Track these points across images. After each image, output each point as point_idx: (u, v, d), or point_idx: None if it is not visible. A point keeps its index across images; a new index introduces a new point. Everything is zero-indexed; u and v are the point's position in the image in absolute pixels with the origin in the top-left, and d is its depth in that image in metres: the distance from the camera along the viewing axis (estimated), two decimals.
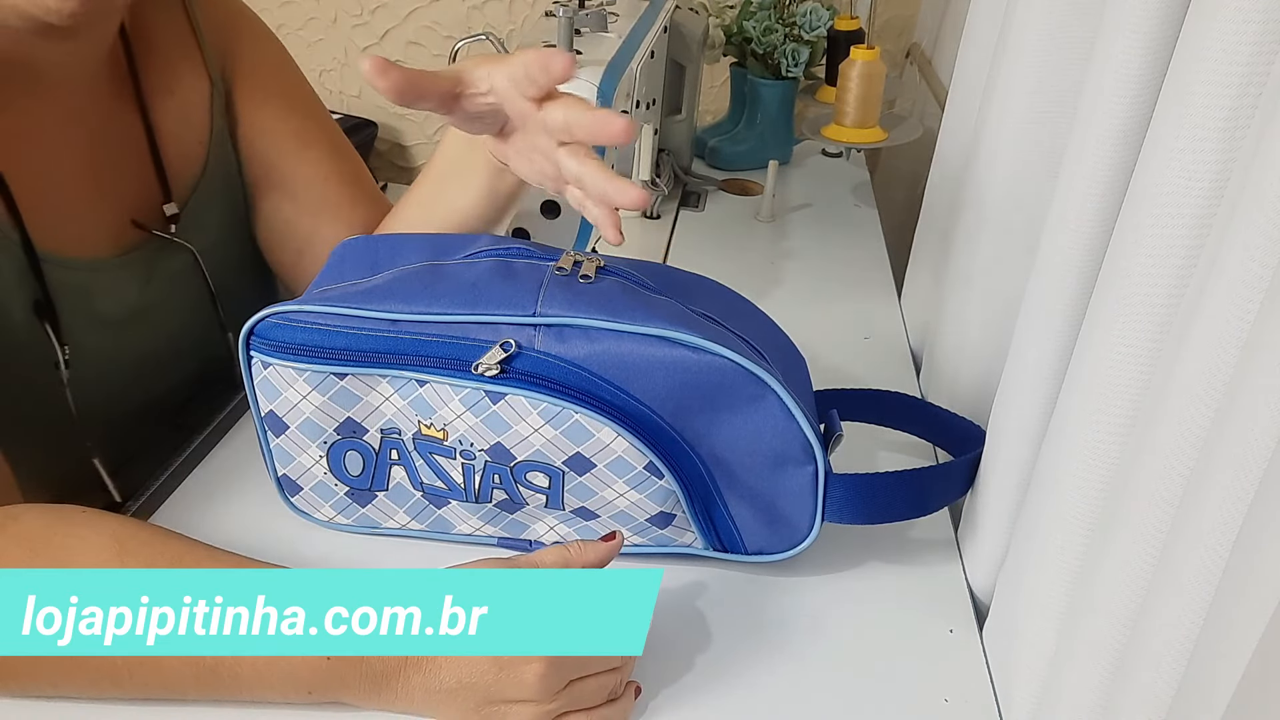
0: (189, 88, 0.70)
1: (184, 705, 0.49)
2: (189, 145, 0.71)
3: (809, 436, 0.54)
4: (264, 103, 0.74)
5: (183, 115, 0.70)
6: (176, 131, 0.70)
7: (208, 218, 0.72)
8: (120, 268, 0.66)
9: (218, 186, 0.73)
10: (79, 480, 0.63)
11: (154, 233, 0.68)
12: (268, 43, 0.77)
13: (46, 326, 0.61)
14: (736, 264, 1.00)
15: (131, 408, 0.70)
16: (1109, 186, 0.45)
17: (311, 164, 0.75)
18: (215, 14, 0.72)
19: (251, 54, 0.74)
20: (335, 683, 0.47)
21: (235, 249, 0.76)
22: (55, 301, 0.61)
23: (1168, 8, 0.41)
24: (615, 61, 0.74)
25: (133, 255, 0.67)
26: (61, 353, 0.62)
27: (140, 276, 0.67)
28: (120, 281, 0.66)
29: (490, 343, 0.52)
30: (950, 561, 0.62)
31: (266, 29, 0.77)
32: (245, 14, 0.76)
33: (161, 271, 0.69)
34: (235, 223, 0.76)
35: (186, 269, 0.71)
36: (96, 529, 0.50)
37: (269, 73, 0.75)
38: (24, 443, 0.58)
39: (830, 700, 0.52)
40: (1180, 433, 0.35)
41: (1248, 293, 0.32)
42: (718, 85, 1.56)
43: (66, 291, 0.62)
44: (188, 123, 0.71)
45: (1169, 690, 0.35)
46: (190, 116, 0.71)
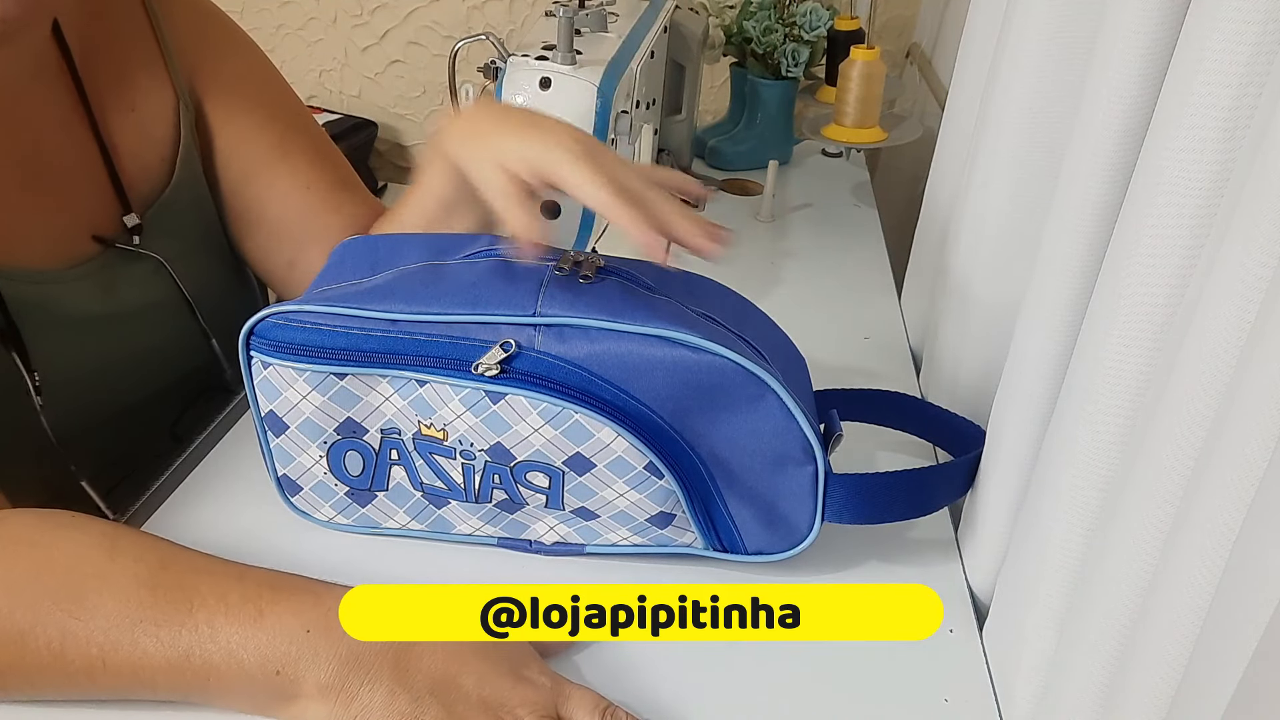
0: (151, 101, 0.69)
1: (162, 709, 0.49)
2: (149, 159, 0.69)
3: (809, 436, 0.54)
4: (240, 116, 0.72)
5: (142, 129, 0.68)
6: (135, 145, 0.68)
7: (176, 227, 0.70)
8: (78, 278, 0.65)
9: (185, 197, 0.71)
10: (65, 496, 0.62)
11: (116, 245, 0.66)
12: (242, 51, 0.75)
13: (14, 356, 0.60)
14: (736, 264, 1.00)
15: (112, 419, 0.68)
16: (1109, 187, 0.45)
17: (293, 175, 0.74)
18: (183, 24, 0.70)
19: (224, 66, 0.72)
20: (309, 656, 0.46)
21: (212, 257, 0.75)
22: (17, 322, 0.60)
23: (1168, 8, 0.41)
24: (615, 61, 0.74)
25: (90, 265, 0.65)
26: (31, 380, 0.60)
27: (100, 286, 0.66)
28: (79, 291, 0.65)
29: (490, 343, 0.52)
30: (950, 561, 0.62)
31: (241, 36, 0.75)
32: (216, 22, 0.74)
33: (124, 281, 0.67)
34: (208, 232, 0.74)
35: (154, 278, 0.69)
36: (86, 530, 0.50)
37: (244, 85, 0.73)
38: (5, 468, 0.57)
39: (830, 700, 0.52)
40: (1180, 432, 0.35)
41: (1248, 292, 0.32)
42: (718, 85, 1.56)
43: (25, 307, 0.61)
44: (148, 136, 0.69)
45: (1169, 690, 0.35)
46: (152, 130, 0.69)
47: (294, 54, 1.69)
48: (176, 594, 0.47)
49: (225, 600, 0.47)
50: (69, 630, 0.46)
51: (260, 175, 0.73)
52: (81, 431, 0.65)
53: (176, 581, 0.48)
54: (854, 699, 0.52)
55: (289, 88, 0.78)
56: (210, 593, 0.48)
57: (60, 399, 0.63)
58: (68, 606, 0.46)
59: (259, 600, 0.48)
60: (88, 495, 0.64)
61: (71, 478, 0.63)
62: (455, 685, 0.46)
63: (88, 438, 0.65)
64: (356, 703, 0.46)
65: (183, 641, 0.46)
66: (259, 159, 0.73)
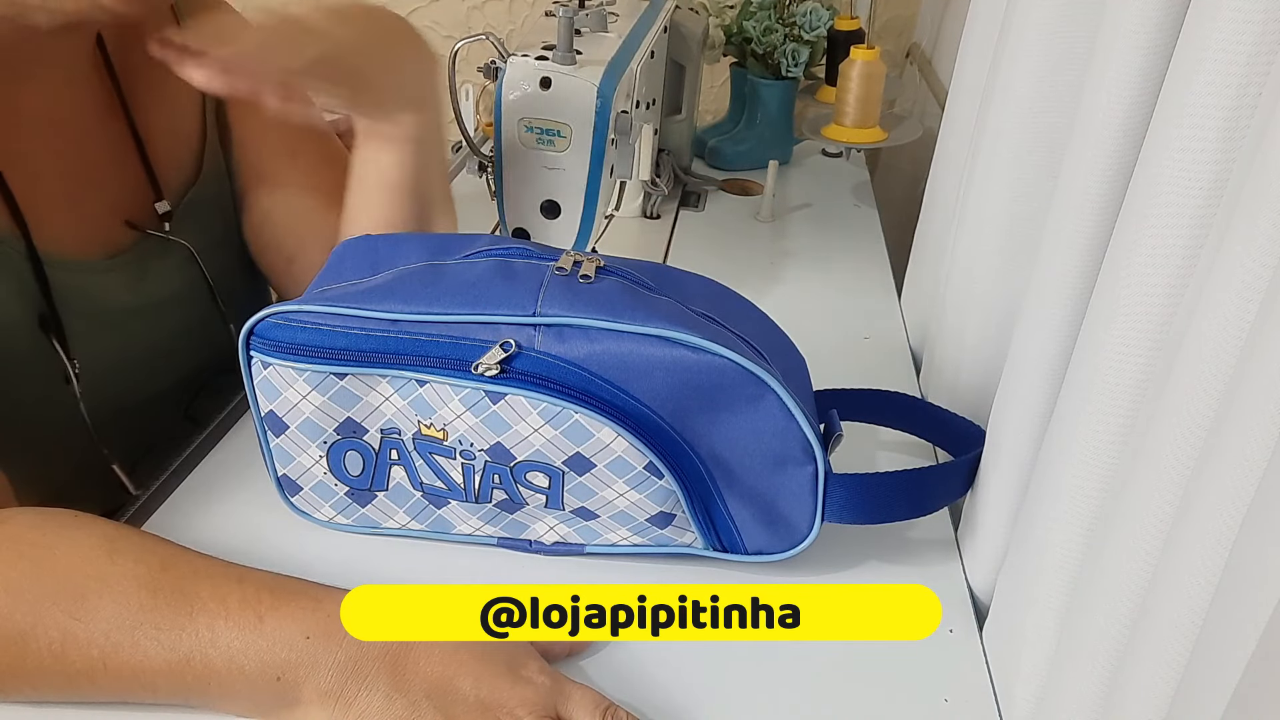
0: (179, 95, 0.71)
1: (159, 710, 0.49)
2: (178, 152, 0.71)
3: (809, 436, 0.54)
4: (255, 114, 0.74)
5: (172, 122, 0.71)
6: (166, 137, 0.70)
7: (204, 217, 0.73)
8: (115, 268, 0.66)
9: (212, 189, 0.73)
10: (90, 477, 0.63)
11: (149, 232, 0.68)
12: None
13: (54, 342, 0.61)
14: (736, 264, 1.00)
15: (141, 404, 0.70)
16: (1109, 186, 0.45)
17: (300, 174, 0.76)
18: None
19: None
20: (309, 663, 0.46)
21: (231, 248, 0.77)
22: (59, 309, 0.61)
23: (1168, 8, 0.41)
24: (615, 61, 0.74)
25: (126, 254, 0.67)
26: (71, 367, 0.62)
27: (134, 275, 0.68)
28: (115, 281, 0.67)
29: (490, 343, 0.52)
30: (950, 561, 0.62)
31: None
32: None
33: (157, 268, 0.69)
34: (229, 225, 0.76)
35: (184, 265, 0.71)
36: (87, 531, 0.50)
37: None
38: (33, 451, 0.58)
39: (830, 700, 0.52)
40: (1180, 432, 0.35)
41: (1247, 292, 0.32)
42: (718, 85, 1.56)
43: (68, 295, 0.62)
44: (177, 129, 0.71)
45: (1169, 690, 0.35)
46: (180, 124, 0.72)
47: None
48: (177, 597, 0.47)
49: (225, 604, 0.47)
50: (70, 632, 0.46)
51: (269, 170, 0.76)
52: (112, 416, 0.66)
53: (177, 584, 0.48)
54: (854, 699, 0.52)
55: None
56: (210, 597, 0.48)
57: (96, 386, 0.64)
58: (68, 608, 0.47)
59: (259, 605, 0.48)
60: (115, 476, 0.65)
61: (103, 460, 0.64)
62: (452, 688, 0.46)
63: (117, 422, 0.67)
64: (355, 708, 0.46)
65: (183, 646, 0.46)
66: (271, 156, 0.75)
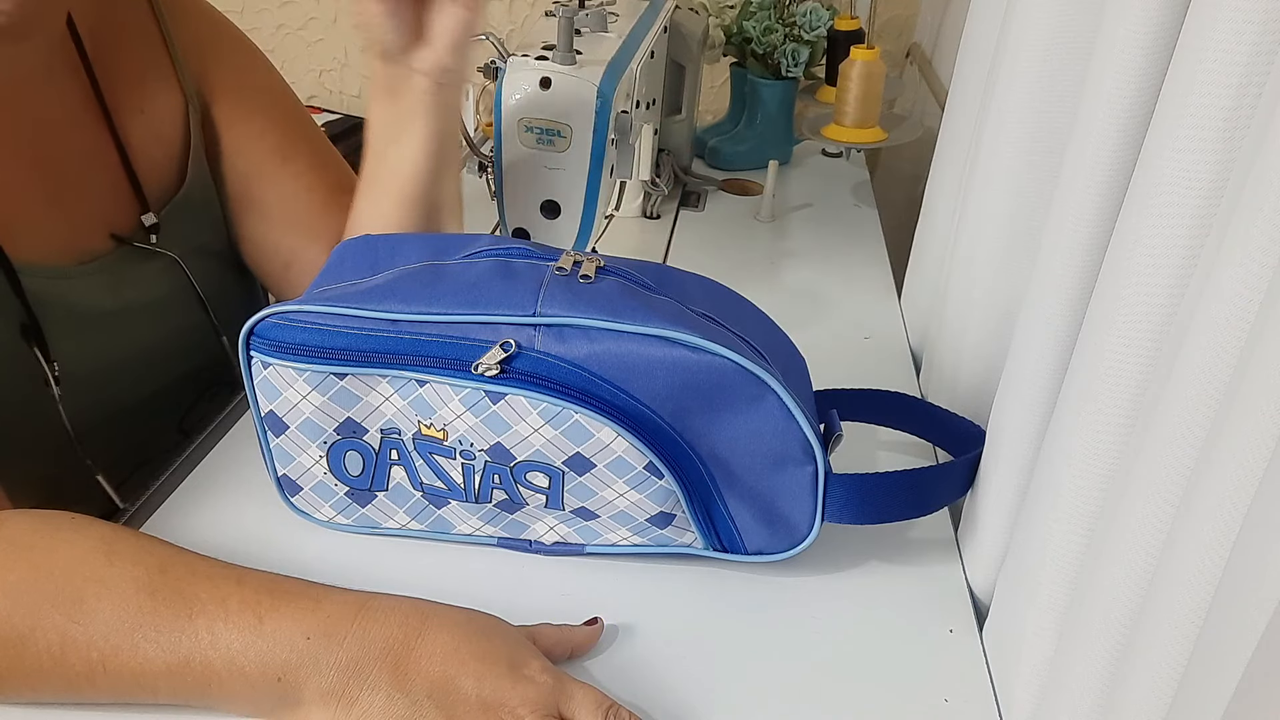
0: (161, 104, 0.70)
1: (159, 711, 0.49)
2: (160, 159, 0.70)
3: (809, 436, 0.54)
4: (243, 121, 0.74)
5: (154, 131, 0.70)
6: (147, 145, 0.69)
7: (188, 226, 0.72)
8: (90, 274, 0.66)
9: (197, 199, 0.73)
10: (78, 489, 0.63)
11: (135, 245, 0.68)
12: (246, 56, 0.76)
13: (35, 350, 0.60)
14: (736, 264, 1.00)
15: (128, 412, 0.69)
16: (1109, 186, 0.45)
17: (294, 178, 0.75)
18: (190, 28, 0.72)
19: (230, 71, 0.74)
20: (309, 664, 0.46)
21: (219, 256, 0.76)
22: (37, 314, 0.61)
23: (1168, 8, 0.41)
24: (615, 61, 0.74)
25: (103, 261, 0.66)
26: (50, 370, 0.61)
27: (112, 281, 0.67)
28: (92, 286, 0.66)
29: (490, 343, 0.52)
30: (950, 561, 0.62)
31: (246, 42, 0.77)
32: (223, 29, 0.75)
33: (136, 277, 0.68)
34: (216, 232, 0.75)
35: (167, 271, 0.70)
36: (84, 533, 0.50)
37: (249, 90, 0.75)
38: (17, 459, 0.57)
39: (830, 700, 0.52)
40: (1180, 432, 0.35)
41: (1247, 292, 0.32)
42: (718, 85, 1.56)
43: (45, 301, 0.62)
44: (158, 137, 0.70)
45: (1169, 690, 0.35)
46: (161, 131, 0.71)
47: (294, 54, 1.69)
48: (176, 599, 0.47)
49: (225, 606, 0.47)
50: (69, 634, 0.46)
51: (262, 177, 0.75)
52: (96, 425, 0.66)
53: (175, 586, 0.48)
54: (854, 699, 0.52)
55: (291, 92, 0.79)
56: (210, 598, 0.48)
57: (77, 392, 0.64)
58: (67, 611, 0.46)
59: (258, 606, 0.47)
60: (101, 489, 0.64)
61: (87, 471, 0.64)
62: (454, 687, 0.46)
63: (102, 431, 0.66)
64: (356, 708, 0.46)
65: (183, 647, 0.46)
66: (261, 161, 0.75)
